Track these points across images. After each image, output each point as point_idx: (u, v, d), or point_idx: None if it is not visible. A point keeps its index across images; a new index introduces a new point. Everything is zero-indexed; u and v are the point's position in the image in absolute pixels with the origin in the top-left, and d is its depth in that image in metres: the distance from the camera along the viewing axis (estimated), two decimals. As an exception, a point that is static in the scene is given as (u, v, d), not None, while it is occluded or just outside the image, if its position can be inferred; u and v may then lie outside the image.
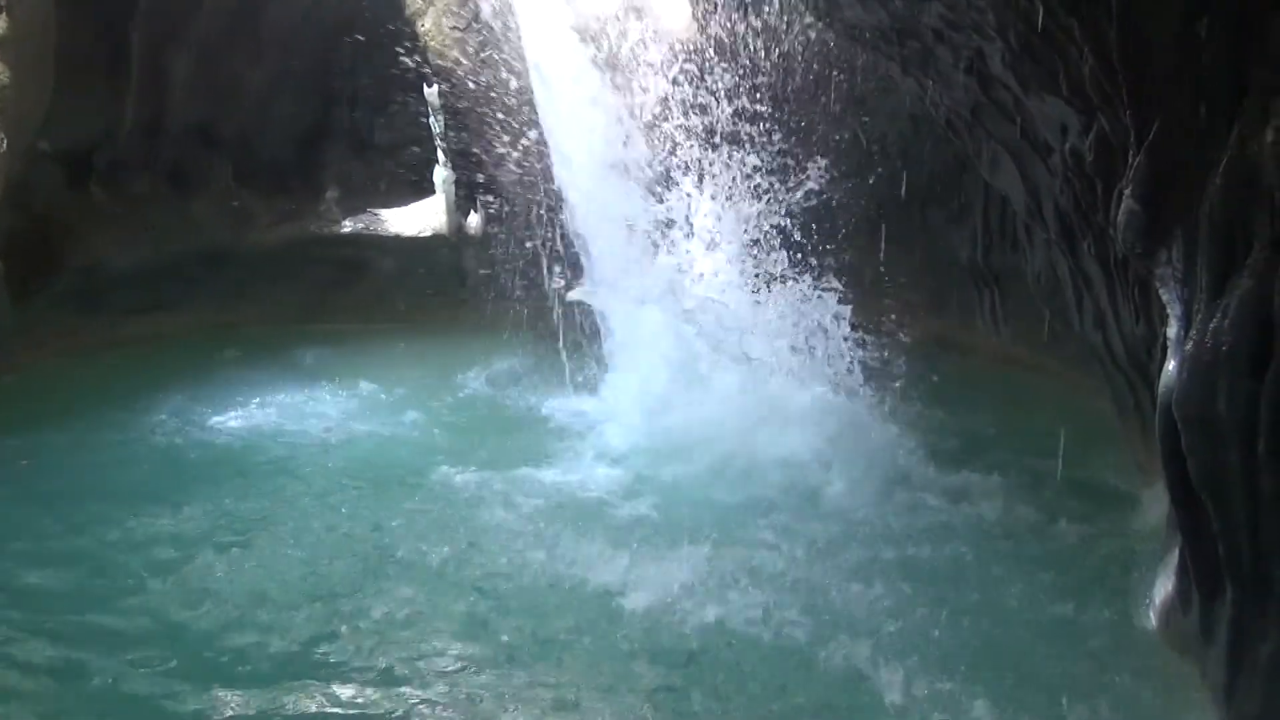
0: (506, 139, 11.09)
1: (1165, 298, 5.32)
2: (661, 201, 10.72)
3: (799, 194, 10.79)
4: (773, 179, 10.83)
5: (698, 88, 11.16)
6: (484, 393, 10.61)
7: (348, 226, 12.31)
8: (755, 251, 10.30)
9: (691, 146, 10.93)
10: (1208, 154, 4.89)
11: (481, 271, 11.64)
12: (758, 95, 11.03)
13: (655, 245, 10.56)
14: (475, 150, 11.49)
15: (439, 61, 10.94)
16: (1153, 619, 6.10)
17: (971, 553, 7.25)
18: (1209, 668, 5.34)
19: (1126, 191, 5.47)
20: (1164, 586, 6.04)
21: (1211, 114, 4.87)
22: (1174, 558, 5.86)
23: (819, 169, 10.87)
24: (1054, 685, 5.70)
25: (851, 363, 9.68)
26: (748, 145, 10.73)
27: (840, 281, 10.07)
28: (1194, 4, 4.71)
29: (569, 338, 10.77)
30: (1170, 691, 5.58)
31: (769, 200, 10.79)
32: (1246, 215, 4.66)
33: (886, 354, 10.02)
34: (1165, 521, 6.20)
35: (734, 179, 10.58)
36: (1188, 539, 5.43)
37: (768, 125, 11.13)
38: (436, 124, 11.71)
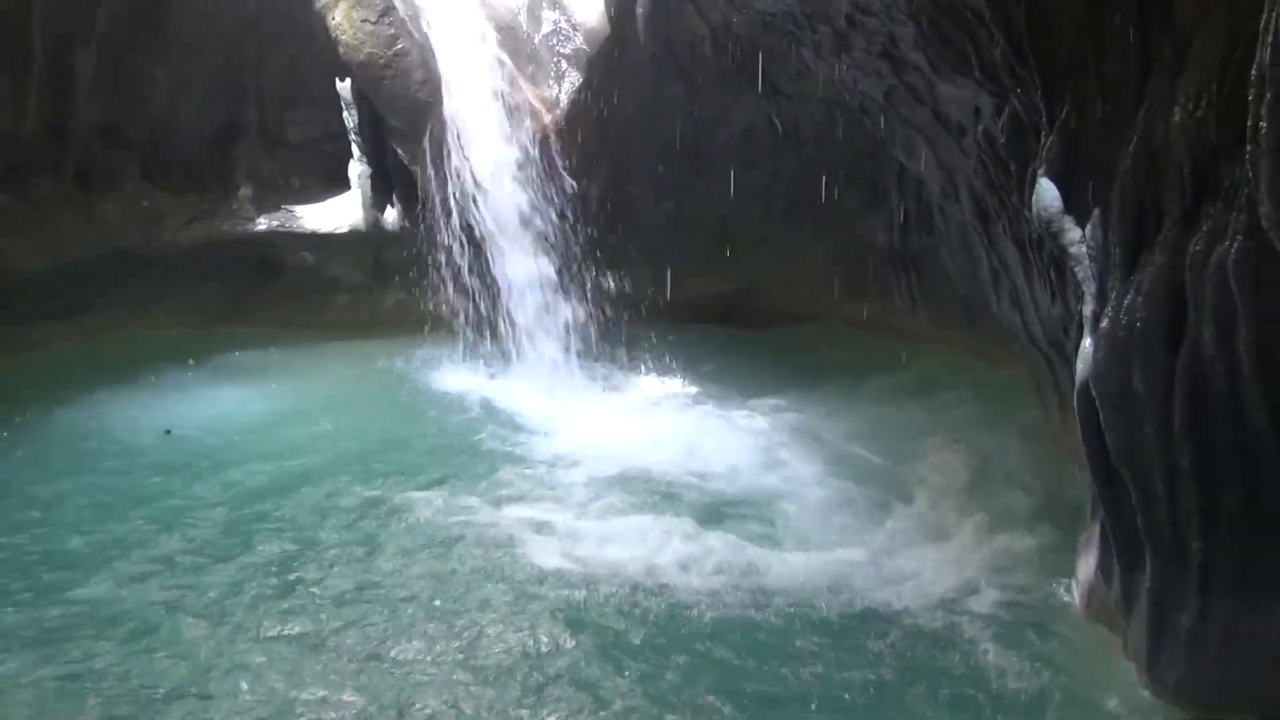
0: (420, 133, 10.97)
1: (1080, 276, 5.39)
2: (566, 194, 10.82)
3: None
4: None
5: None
6: (401, 379, 10.60)
7: (262, 224, 12.12)
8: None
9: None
10: (1118, 134, 4.96)
11: (399, 265, 11.52)
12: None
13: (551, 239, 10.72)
14: (391, 145, 11.35)
15: (351, 55, 10.79)
16: (1075, 593, 6.17)
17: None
18: (1130, 637, 5.43)
19: (1040, 172, 5.54)
20: (1086, 559, 6.12)
21: (1120, 94, 4.94)
22: (1095, 532, 5.94)
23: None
24: (979, 656, 5.76)
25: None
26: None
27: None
28: (1101, -14, 4.78)
29: (480, 328, 10.87)
30: (1093, 661, 5.64)
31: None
32: (1157, 193, 4.73)
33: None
34: (1087, 498, 6.28)
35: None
36: (1108, 513, 5.51)
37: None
38: (350, 118, 11.56)
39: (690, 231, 11.83)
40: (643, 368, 10.74)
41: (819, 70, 9.07)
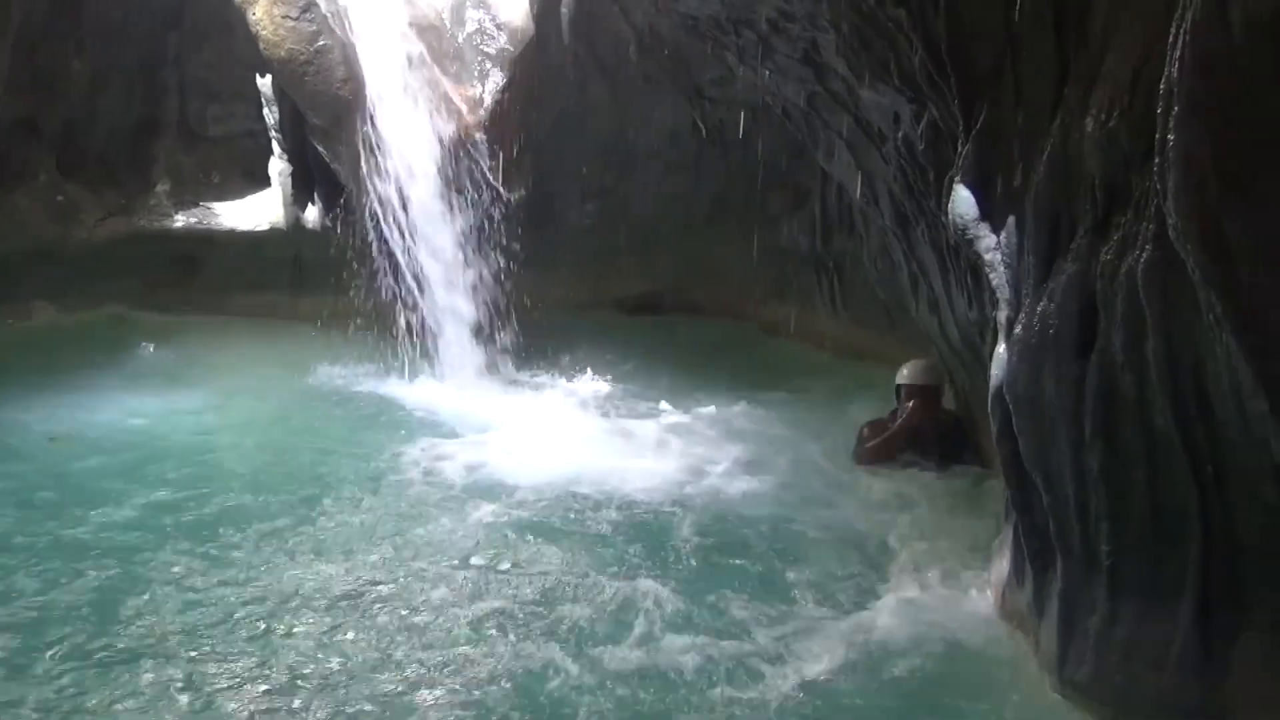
0: (342, 131, 10.89)
1: (995, 282, 5.47)
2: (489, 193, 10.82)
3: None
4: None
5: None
6: (321, 385, 10.48)
7: (180, 221, 11.97)
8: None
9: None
10: (1032, 143, 5.04)
11: (320, 266, 11.42)
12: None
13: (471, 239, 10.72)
14: (312, 142, 11.25)
15: (271, 52, 10.68)
16: (989, 594, 6.25)
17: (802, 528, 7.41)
18: (1042, 640, 5.50)
19: (956, 179, 5.61)
20: (999, 562, 6.20)
21: (1035, 105, 5.01)
22: (1009, 535, 6.02)
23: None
24: (892, 663, 5.80)
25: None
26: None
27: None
28: (1016, -4, 4.85)
29: (401, 328, 10.84)
30: (1004, 662, 5.72)
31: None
32: (1069, 202, 4.81)
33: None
34: (1002, 501, 6.36)
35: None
36: (1021, 516, 5.59)
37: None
38: (271, 115, 11.44)
39: (614, 232, 11.86)
40: (564, 367, 10.74)
41: (742, 74, 9.13)
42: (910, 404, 8.25)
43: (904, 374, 8.38)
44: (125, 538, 7.08)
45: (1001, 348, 5.30)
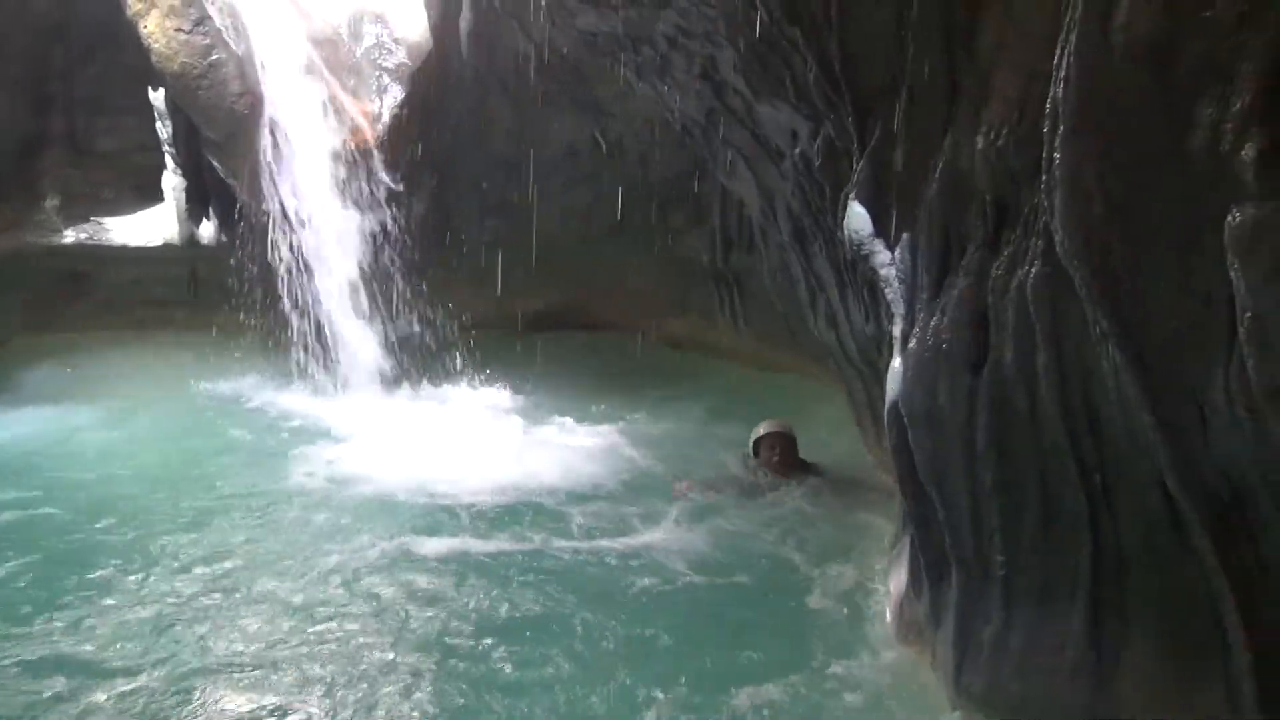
0: (237, 146, 10.74)
1: (889, 297, 5.54)
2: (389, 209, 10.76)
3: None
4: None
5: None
6: (215, 401, 10.32)
7: (70, 237, 11.70)
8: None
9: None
10: (925, 160, 5.11)
11: (215, 281, 11.24)
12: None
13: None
14: (206, 157, 11.08)
15: (164, 65, 10.49)
16: (886, 606, 6.32)
17: (709, 547, 7.39)
18: (938, 649, 5.58)
19: (851, 195, 5.67)
20: (896, 575, 6.27)
21: (927, 122, 5.09)
22: (905, 547, 6.09)
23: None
24: (791, 676, 5.84)
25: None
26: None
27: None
28: (906, 16, 4.92)
29: (298, 344, 10.72)
30: (901, 673, 5.78)
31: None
32: (961, 218, 4.88)
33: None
34: (898, 513, 6.44)
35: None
36: (917, 528, 5.67)
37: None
38: (164, 129, 11.24)
39: (515, 248, 11.81)
40: (464, 383, 10.69)
41: (641, 90, 9.17)
42: (775, 451, 8.38)
43: (759, 430, 8.49)
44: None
45: (897, 362, 5.37)
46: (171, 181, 11.53)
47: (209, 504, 7.95)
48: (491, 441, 9.27)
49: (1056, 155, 3.89)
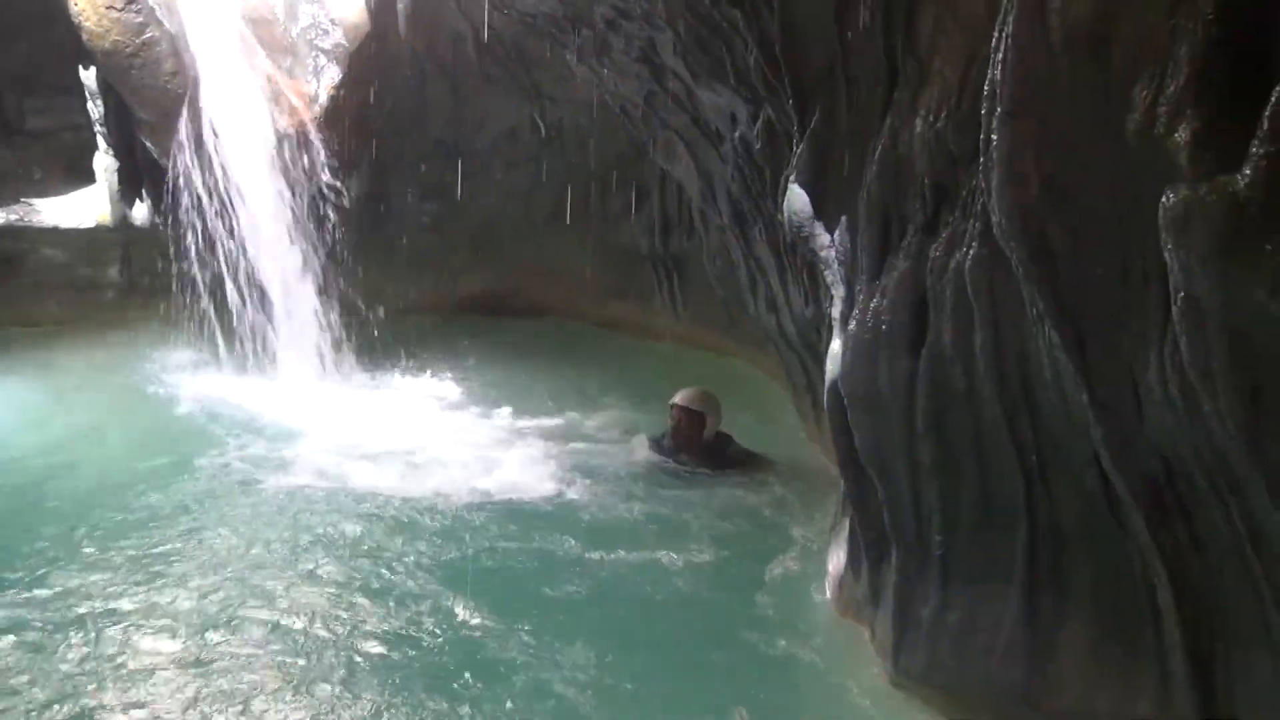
0: (171, 126, 10.58)
1: (829, 279, 5.57)
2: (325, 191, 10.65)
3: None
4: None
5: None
6: (148, 387, 10.14)
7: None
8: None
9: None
10: (864, 143, 5.14)
11: (149, 264, 11.09)
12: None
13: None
14: (139, 137, 10.91)
15: (95, 43, 10.32)
16: (826, 587, 6.36)
17: (644, 527, 7.43)
18: (877, 629, 5.63)
19: (791, 178, 5.69)
20: (836, 556, 6.31)
21: (867, 105, 5.12)
22: (845, 529, 6.13)
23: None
24: (733, 656, 5.88)
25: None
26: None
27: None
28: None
29: (234, 329, 10.58)
30: (841, 653, 5.83)
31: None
32: (900, 201, 4.92)
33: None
34: (838, 495, 6.48)
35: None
36: (856, 509, 5.71)
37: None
38: (95, 108, 11.07)
39: (454, 231, 11.79)
40: (402, 368, 10.62)
41: (581, 73, 9.14)
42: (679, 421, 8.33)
43: (676, 397, 8.43)
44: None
45: (836, 344, 5.40)
46: (103, 162, 11.36)
47: (139, 492, 7.79)
48: (425, 429, 9.20)
49: (994, 138, 3.92)
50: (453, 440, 8.94)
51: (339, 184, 10.89)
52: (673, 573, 6.75)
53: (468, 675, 5.60)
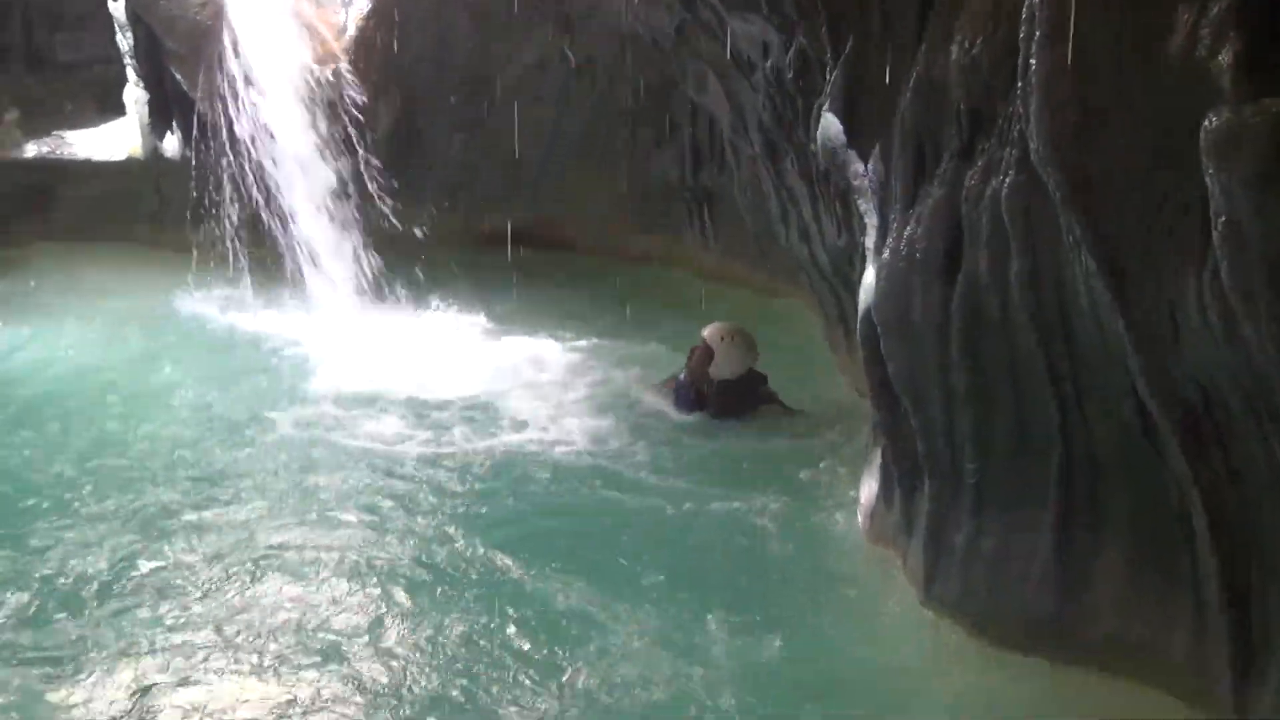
0: (200, 58, 10.55)
1: (863, 208, 5.54)
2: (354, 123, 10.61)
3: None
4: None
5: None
6: (183, 317, 10.24)
7: (32, 150, 11.53)
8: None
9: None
10: (898, 70, 5.09)
11: (180, 195, 11.10)
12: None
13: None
14: (169, 69, 10.88)
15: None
16: (858, 517, 6.37)
17: (678, 462, 7.42)
18: (910, 558, 5.65)
19: (824, 107, 5.65)
20: (868, 486, 6.32)
21: (901, 32, 5.06)
22: (877, 458, 6.14)
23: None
24: (764, 585, 5.94)
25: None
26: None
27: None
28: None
29: (265, 260, 10.63)
30: (874, 582, 5.86)
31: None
32: (935, 128, 4.88)
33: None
34: (870, 424, 6.47)
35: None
36: (889, 438, 5.72)
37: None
38: (125, 41, 11.04)
39: (482, 165, 11.72)
40: (431, 299, 10.61)
41: (611, 3, 9.06)
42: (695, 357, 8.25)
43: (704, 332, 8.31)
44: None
45: (870, 272, 5.39)
46: (134, 95, 11.35)
47: (180, 421, 7.97)
48: (463, 358, 9.23)
49: (1032, 63, 3.89)
50: (482, 371, 8.97)
51: (367, 116, 10.83)
52: (698, 505, 6.77)
53: (503, 603, 5.69)
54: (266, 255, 10.58)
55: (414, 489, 6.97)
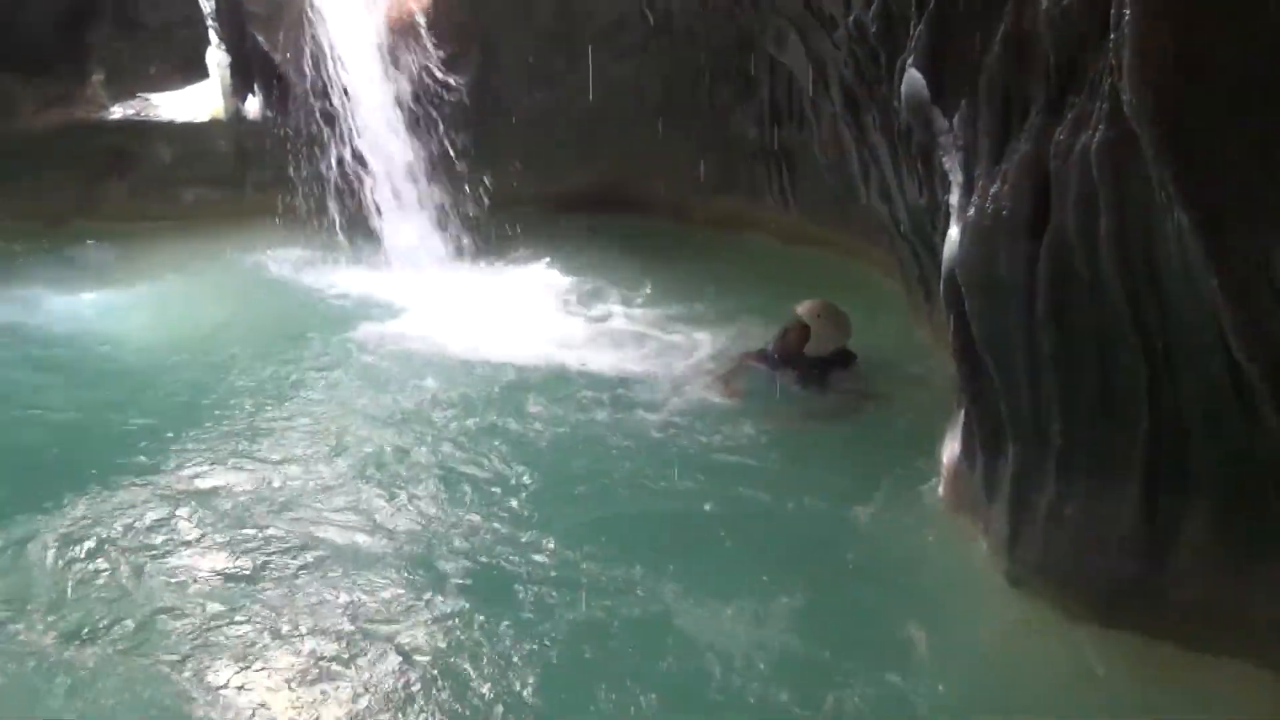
0: (281, 18, 10.61)
1: (947, 166, 5.45)
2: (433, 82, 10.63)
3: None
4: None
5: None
6: (267, 276, 10.40)
7: (118, 112, 11.64)
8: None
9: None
10: (985, 24, 4.98)
11: (262, 157, 11.20)
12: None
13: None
14: (251, 31, 10.96)
15: (208, -63, 10.37)
16: (940, 477, 6.30)
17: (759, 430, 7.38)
18: (992, 522, 5.58)
19: (908, 62, 5.55)
20: (950, 449, 6.24)
21: (989, -17, 4.96)
22: (959, 421, 6.06)
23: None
24: (845, 554, 5.92)
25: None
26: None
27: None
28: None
29: (346, 220, 10.77)
30: (955, 543, 5.79)
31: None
32: (1023, 83, 4.78)
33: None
34: (953, 386, 6.38)
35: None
36: (972, 401, 5.63)
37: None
38: (207, 3, 11.14)
39: (560, 123, 11.69)
40: (510, 258, 10.64)
41: (690, -41, 8.99)
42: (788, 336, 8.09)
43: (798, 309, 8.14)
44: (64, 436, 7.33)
45: (954, 231, 5.29)
46: (216, 56, 11.44)
47: (272, 373, 8.24)
48: (540, 321, 9.26)
49: (1126, 12, 3.78)
50: (560, 327, 9.06)
51: (447, 76, 10.85)
52: (777, 474, 6.74)
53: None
54: (347, 215, 10.66)
55: (484, 457, 7.03)
